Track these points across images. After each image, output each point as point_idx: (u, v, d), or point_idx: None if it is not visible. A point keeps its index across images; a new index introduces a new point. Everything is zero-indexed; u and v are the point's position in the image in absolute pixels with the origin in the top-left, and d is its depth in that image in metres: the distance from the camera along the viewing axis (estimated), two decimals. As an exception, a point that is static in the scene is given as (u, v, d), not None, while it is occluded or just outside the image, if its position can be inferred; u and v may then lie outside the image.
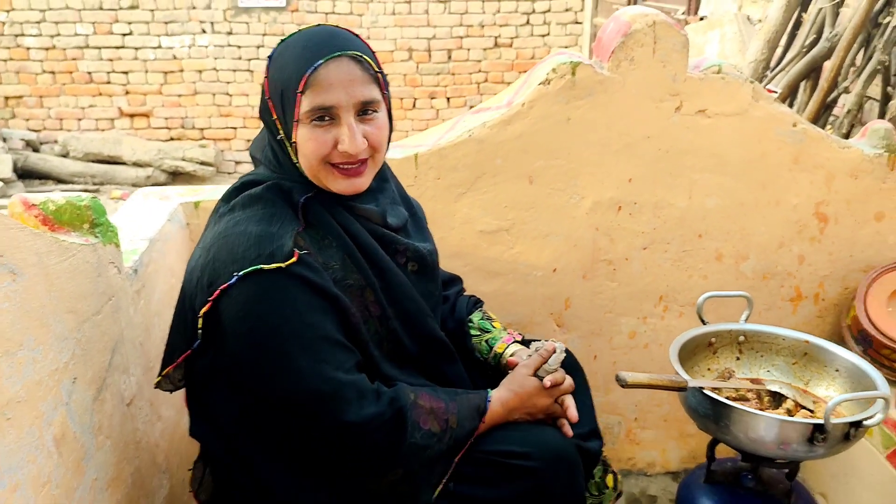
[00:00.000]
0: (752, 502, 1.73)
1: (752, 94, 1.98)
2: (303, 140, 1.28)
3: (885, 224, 2.11)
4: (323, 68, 1.25)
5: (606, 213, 2.06)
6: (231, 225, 1.31)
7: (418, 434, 1.30)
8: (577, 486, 1.43)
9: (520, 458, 1.37)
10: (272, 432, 1.30)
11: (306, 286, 1.26)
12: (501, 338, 1.66)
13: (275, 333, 1.24)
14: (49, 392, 1.21)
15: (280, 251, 1.25)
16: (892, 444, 1.89)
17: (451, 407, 1.37)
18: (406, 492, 1.32)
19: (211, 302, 1.26)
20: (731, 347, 1.85)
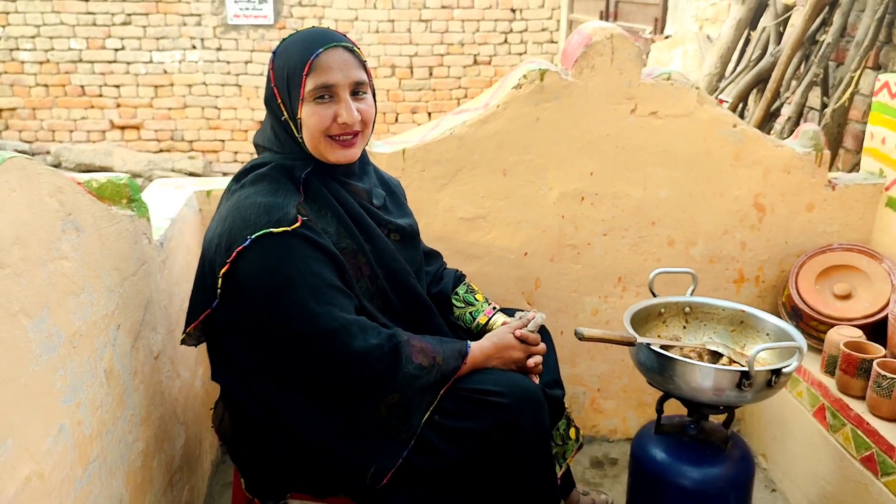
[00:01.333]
0: (695, 449, 1.99)
1: (698, 98, 2.28)
2: (307, 115, 1.54)
3: (815, 214, 2.40)
4: (323, 55, 1.51)
5: (571, 203, 2.34)
6: (243, 198, 1.56)
7: (411, 366, 1.55)
8: (542, 422, 1.68)
9: (495, 396, 1.62)
10: (286, 370, 1.55)
11: (310, 244, 1.51)
12: (483, 310, 1.91)
13: (288, 283, 1.49)
14: (101, 332, 1.45)
15: (286, 217, 1.50)
16: (817, 402, 2.16)
17: (438, 348, 1.62)
18: (401, 415, 1.56)
19: (229, 263, 1.50)
20: (679, 317, 2.12)
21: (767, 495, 2.36)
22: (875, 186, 2.38)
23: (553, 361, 1.96)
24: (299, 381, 1.55)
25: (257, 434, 1.64)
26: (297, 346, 1.51)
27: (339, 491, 1.69)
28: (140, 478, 1.65)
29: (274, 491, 1.69)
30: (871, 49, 2.76)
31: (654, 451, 2.02)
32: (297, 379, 1.55)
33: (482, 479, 1.62)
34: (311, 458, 1.61)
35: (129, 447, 1.59)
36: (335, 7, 6.94)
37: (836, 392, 2.09)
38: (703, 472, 1.95)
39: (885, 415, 1.93)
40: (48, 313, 1.24)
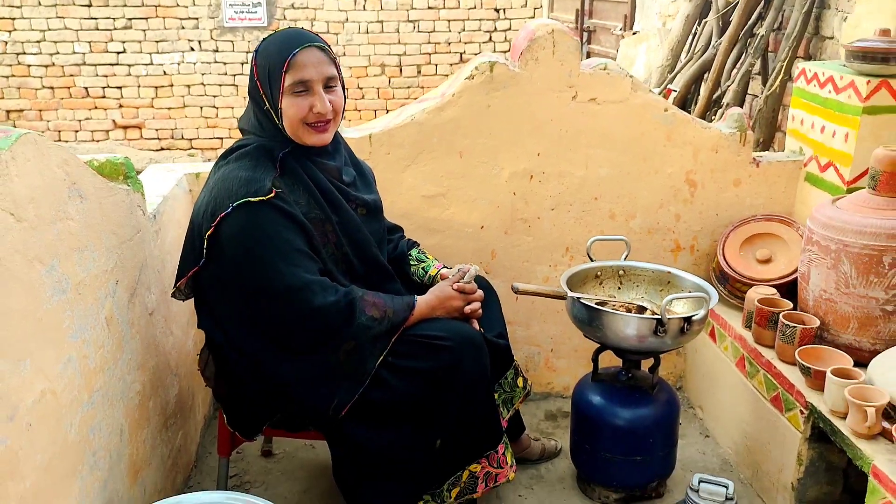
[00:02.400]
0: (627, 393, 2.27)
1: (632, 85, 2.55)
2: (287, 106, 1.81)
3: (742, 188, 2.68)
4: (299, 54, 1.78)
5: (521, 181, 2.61)
6: (227, 172, 1.84)
7: (364, 317, 1.83)
8: (482, 362, 1.95)
9: (440, 340, 1.90)
10: (258, 320, 1.83)
11: (282, 213, 1.79)
12: (434, 264, 2.20)
13: (260, 244, 1.77)
14: (102, 284, 1.74)
15: (262, 188, 1.78)
16: (739, 353, 2.44)
17: (388, 303, 1.90)
18: (357, 359, 1.84)
19: (213, 227, 1.79)
20: (614, 279, 2.40)
21: (702, 441, 2.64)
22: (795, 163, 2.66)
23: (499, 316, 2.24)
24: (269, 330, 1.83)
25: (235, 375, 1.92)
26: (266, 300, 1.79)
27: (308, 426, 1.97)
28: (138, 414, 1.93)
29: (251, 425, 1.97)
30: (799, 40, 3.03)
31: (592, 397, 2.30)
32: (267, 328, 1.83)
33: (430, 412, 1.90)
34: (281, 396, 1.89)
35: (128, 386, 1.87)
36: (326, 9, 7.23)
37: (753, 343, 2.36)
38: (632, 413, 2.23)
39: (789, 359, 2.20)
40: (58, 263, 1.52)
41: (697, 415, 2.77)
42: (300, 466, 2.48)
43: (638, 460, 2.23)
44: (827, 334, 2.20)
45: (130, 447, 1.87)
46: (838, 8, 3.01)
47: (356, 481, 1.90)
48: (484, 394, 1.99)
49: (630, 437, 2.23)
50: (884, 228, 2.04)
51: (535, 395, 2.84)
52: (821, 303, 2.20)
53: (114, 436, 1.76)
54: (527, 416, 2.68)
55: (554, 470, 2.48)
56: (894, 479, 1.73)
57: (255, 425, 1.97)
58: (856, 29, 2.68)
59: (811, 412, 2.05)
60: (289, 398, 1.88)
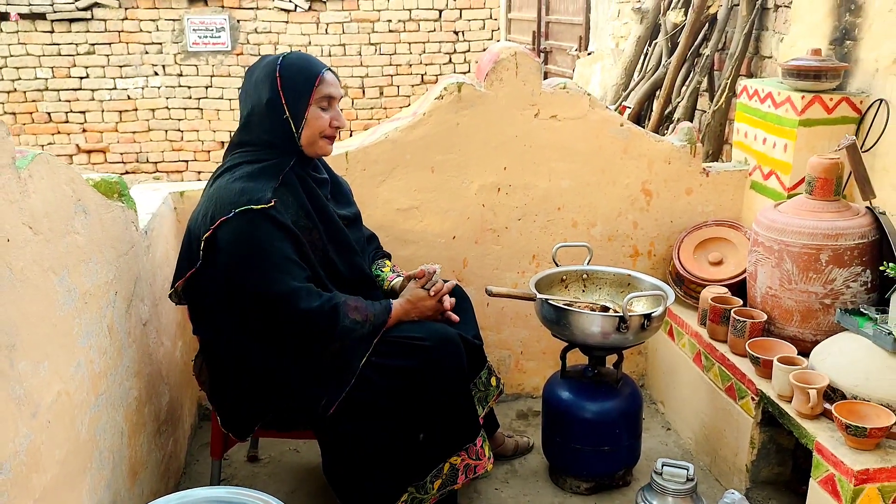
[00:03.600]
0: (593, 388, 2.43)
1: (590, 103, 2.74)
2: (313, 117, 1.99)
3: (694, 197, 2.88)
4: (326, 73, 2.02)
5: (489, 194, 2.78)
6: (229, 181, 1.97)
7: (347, 321, 1.97)
8: (460, 361, 2.10)
9: (420, 340, 2.05)
10: (250, 323, 1.96)
11: (278, 223, 1.92)
12: (387, 277, 2.32)
13: (255, 251, 1.90)
14: (104, 294, 1.85)
15: (263, 198, 1.90)
16: (695, 349, 2.62)
17: (369, 307, 2.04)
18: (343, 360, 1.97)
19: (212, 230, 1.91)
20: (578, 283, 2.58)
21: (664, 433, 2.81)
22: (741, 172, 2.87)
23: (473, 319, 2.39)
24: (260, 332, 1.96)
25: (228, 377, 2.04)
26: (257, 305, 1.92)
27: (298, 425, 2.09)
28: (135, 419, 2.04)
29: (244, 426, 2.09)
30: (741, 59, 3.27)
31: (561, 393, 2.46)
32: (259, 331, 1.96)
33: (412, 408, 2.04)
34: (274, 396, 2.01)
35: (127, 391, 1.98)
36: (289, 33, 7.37)
37: (708, 338, 2.55)
38: (599, 406, 2.40)
39: (741, 351, 2.39)
40: (67, 273, 1.64)
41: (659, 409, 2.95)
42: (286, 469, 2.59)
43: (606, 451, 2.39)
44: (773, 327, 2.40)
45: (130, 449, 1.97)
46: (775, 30, 3.26)
47: (346, 475, 2.03)
48: (462, 389, 2.13)
49: (598, 429, 2.39)
50: (819, 229, 2.25)
51: (507, 396, 3.00)
52: (767, 299, 2.40)
53: (116, 437, 1.87)
54: (499, 416, 2.82)
55: (527, 464, 2.63)
56: (836, 453, 1.92)
57: (247, 425, 2.09)
58: (791, 48, 2.91)
59: (761, 398, 2.24)
60: (281, 398, 2.01)
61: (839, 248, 2.24)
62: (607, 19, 5.14)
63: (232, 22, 7.27)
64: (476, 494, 2.47)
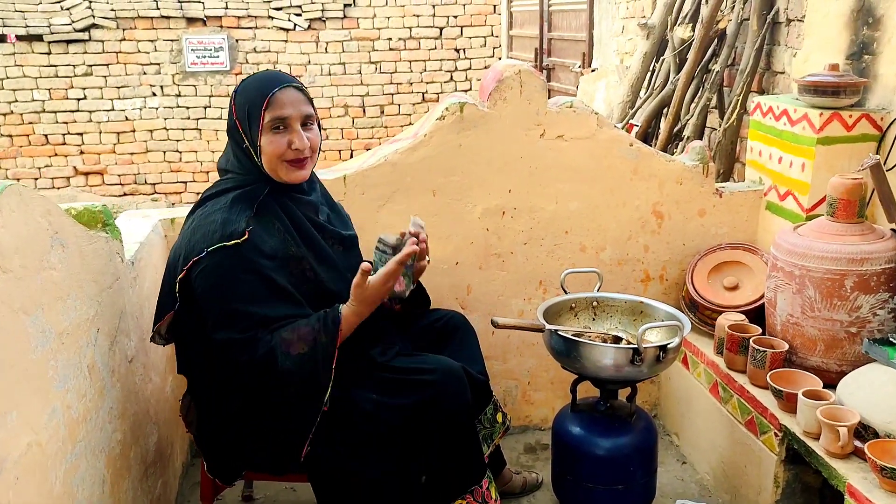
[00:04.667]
0: (605, 422, 2.30)
1: (597, 122, 2.63)
2: (266, 143, 1.84)
3: (707, 218, 2.76)
4: (279, 93, 1.82)
5: (494, 217, 2.66)
6: (203, 215, 1.86)
7: (289, 361, 1.77)
8: (465, 397, 1.97)
9: (423, 374, 1.92)
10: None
11: (248, 260, 1.77)
12: None
13: (220, 294, 1.77)
14: (84, 333, 1.73)
15: (236, 231, 1.78)
16: (712, 379, 2.49)
17: (316, 327, 1.81)
18: (306, 395, 1.81)
19: (185, 271, 1.80)
20: (588, 311, 2.45)
21: (679, 467, 2.68)
22: (756, 192, 2.75)
23: (478, 353, 2.26)
24: (222, 376, 1.85)
25: (211, 419, 1.92)
26: (213, 350, 1.81)
27: (287, 468, 1.97)
28: (119, 464, 1.91)
29: (229, 471, 1.97)
30: (752, 75, 3.16)
31: (571, 427, 2.33)
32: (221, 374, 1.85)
33: (414, 447, 1.91)
34: (250, 440, 1.88)
35: (109, 436, 1.86)
36: (288, 52, 7.30)
37: (725, 369, 2.42)
38: (612, 442, 2.27)
39: (761, 383, 2.26)
40: (42, 313, 1.52)
41: (674, 441, 2.81)
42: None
43: (620, 489, 2.26)
44: (795, 357, 2.27)
45: (112, 498, 1.84)
46: (788, 44, 3.15)
47: None
48: (466, 428, 2.01)
49: (612, 466, 2.26)
50: (844, 253, 2.13)
51: (514, 429, 2.86)
52: (788, 327, 2.27)
53: (97, 487, 1.74)
54: (506, 450, 2.70)
55: (536, 503, 2.49)
56: (870, 497, 1.79)
57: (233, 470, 1.97)
58: (805, 63, 2.81)
59: (785, 434, 2.11)
60: (257, 442, 1.88)
61: (865, 274, 2.12)
62: (611, 35, 5.04)
63: (230, 41, 7.20)
64: (483, 536, 2.33)
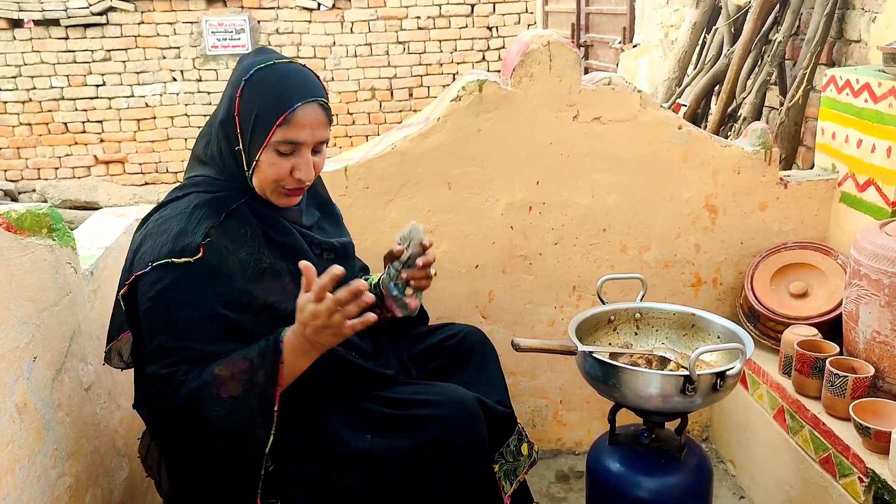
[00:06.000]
0: (650, 458, 1.94)
1: (640, 101, 2.25)
2: (266, 163, 1.50)
3: (769, 213, 2.37)
4: (300, 110, 1.47)
5: (519, 213, 2.31)
6: (159, 221, 1.54)
7: (217, 407, 1.44)
8: (479, 435, 1.63)
9: (427, 408, 1.59)
10: None
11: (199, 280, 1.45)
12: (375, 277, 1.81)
13: (160, 317, 1.46)
14: (11, 365, 1.42)
15: (189, 246, 1.45)
16: (777, 404, 2.11)
17: (255, 362, 1.47)
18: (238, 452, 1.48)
19: (128, 286, 1.49)
20: (629, 324, 2.09)
21: (736, 502, 2.30)
22: (828, 182, 2.35)
23: (499, 378, 1.91)
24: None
25: (169, 462, 1.61)
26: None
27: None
28: (69, 513, 1.61)
29: None
30: (822, 45, 2.74)
31: (609, 463, 1.97)
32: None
33: (415, 496, 1.58)
34: (208, 492, 1.56)
35: (53, 483, 1.55)
36: (312, 33, 6.98)
37: (794, 393, 2.04)
38: (658, 482, 1.90)
39: (840, 414, 1.88)
40: (-60, 347, 1.21)
41: (729, 471, 2.44)
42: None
43: (667, 538, 1.90)
44: (883, 383, 1.89)
45: (58, 556, 1.54)
46: (864, 7, 2.71)
47: None
48: (481, 471, 1.66)
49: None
50: (949, 259, 1.73)
51: (545, 454, 2.52)
52: (874, 346, 1.88)
53: (31, 549, 1.44)
54: (535, 479, 2.36)
55: (568, 545, 2.15)
56: None
57: None
58: (886, 30, 2.39)
59: (873, 480, 1.72)
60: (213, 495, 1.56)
61: (974, 284, 1.72)
62: (655, 7, 4.61)
63: (252, 23, 6.90)
64: (505, 588, 1.99)
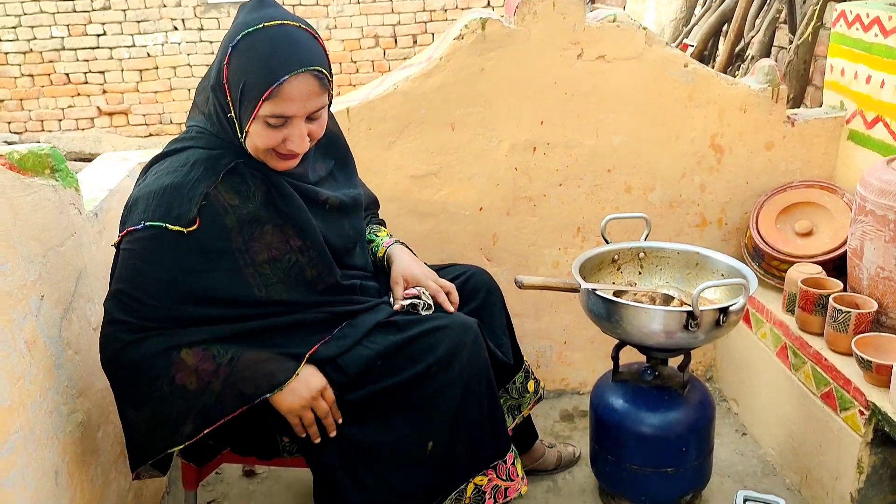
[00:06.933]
0: (653, 395, 1.96)
1: (646, 39, 2.21)
2: (255, 133, 1.46)
3: (775, 152, 2.34)
4: (287, 83, 1.40)
5: (523, 154, 2.29)
6: (165, 170, 1.52)
7: (167, 386, 1.48)
8: (481, 355, 1.65)
9: (438, 329, 1.62)
10: None
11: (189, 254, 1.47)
12: (383, 242, 1.85)
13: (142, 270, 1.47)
14: (19, 302, 1.43)
15: (184, 215, 1.45)
16: (780, 342, 2.12)
17: (222, 371, 1.48)
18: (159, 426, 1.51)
19: (120, 238, 1.50)
20: (633, 263, 2.09)
21: (738, 439, 2.33)
22: (836, 120, 2.32)
23: (502, 322, 1.92)
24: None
25: None
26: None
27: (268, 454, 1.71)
28: (81, 449, 1.64)
29: (205, 455, 1.74)
30: (833, -20, 2.69)
31: (613, 400, 2.00)
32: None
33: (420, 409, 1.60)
34: None
35: (65, 419, 1.58)
36: (314, -21, 6.86)
37: (797, 330, 2.05)
38: (661, 418, 1.93)
39: (843, 349, 1.89)
40: (-53, 283, 1.22)
41: (732, 409, 2.46)
42: (286, 487, 2.20)
43: (669, 472, 1.93)
44: (886, 319, 1.89)
45: (72, 490, 1.58)
46: (877, -59, 2.65)
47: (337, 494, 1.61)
48: (485, 391, 1.67)
49: (660, 447, 1.93)
50: (956, 193, 1.72)
51: (549, 394, 2.55)
52: (878, 282, 1.88)
53: (45, 482, 1.47)
54: (539, 418, 2.39)
55: (573, 480, 2.19)
56: None
57: (208, 455, 1.71)
58: (899, -37, 2.33)
59: (873, 413, 1.74)
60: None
61: (980, 218, 1.71)
62: (662, -53, 4.50)
63: (253, -31, 6.77)
64: (510, 521, 2.03)
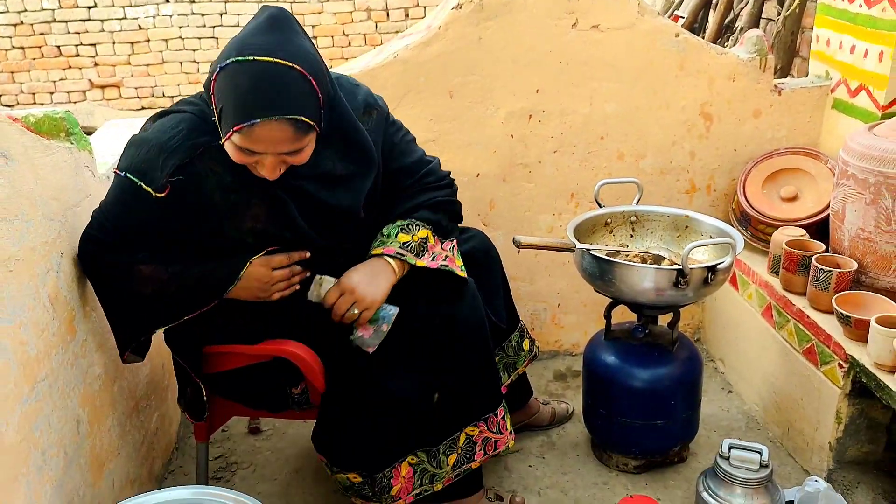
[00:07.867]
0: (644, 352, 2.05)
1: (639, 9, 2.28)
2: (229, 148, 1.47)
3: (762, 120, 2.42)
4: (258, 126, 1.39)
5: (519, 122, 2.36)
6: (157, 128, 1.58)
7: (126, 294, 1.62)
8: (478, 311, 1.74)
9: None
10: None
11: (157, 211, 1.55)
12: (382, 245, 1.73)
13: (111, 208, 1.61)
14: (42, 258, 1.50)
15: (154, 181, 1.52)
16: (765, 302, 2.22)
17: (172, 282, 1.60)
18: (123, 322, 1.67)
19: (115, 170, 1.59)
20: (625, 226, 2.17)
21: (724, 397, 2.44)
22: (821, 89, 2.40)
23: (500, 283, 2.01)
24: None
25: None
26: None
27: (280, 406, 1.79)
28: (99, 400, 1.72)
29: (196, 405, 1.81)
30: (820, -48, 2.74)
31: (605, 357, 2.08)
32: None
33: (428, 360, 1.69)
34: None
35: (85, 371, 1.66)
36: (307, -49, 6.85)
37: (781, 290, 2.14)
38: (651, 373, 2.02)
39: (824, 307, 1.98)
40: (-22, 237, 1.29)
41: (718, 368, 2.56)
42: (291, 443, 2.29)
43: (659, 425, 2.03)
44: (865, 278, 1.98)
45: (91, 439, 1.66)
46: (863, -86, 2.71)
47: (338, 432, 1.71)
48: (482, 346, 1.77)
49: (649, 400, 2.02)
50: (932, 156, 1.80)
51: (543, 355, 2.64)
52: (858, 243, 1.97)
53: (68, 429, 1.55)
54: (534, 378, 2.48)
55: (566, 435, 2.29)
56: (954, 440, 1.53)
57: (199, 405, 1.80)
58: (884, -64, 2.39)
59: (852, 365, 1.84)
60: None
61: (955, 181, 1.80)
62: (654, -80, 4.54)
63: (244, -59, 6.76)
64: (507, 473, 2.13)
